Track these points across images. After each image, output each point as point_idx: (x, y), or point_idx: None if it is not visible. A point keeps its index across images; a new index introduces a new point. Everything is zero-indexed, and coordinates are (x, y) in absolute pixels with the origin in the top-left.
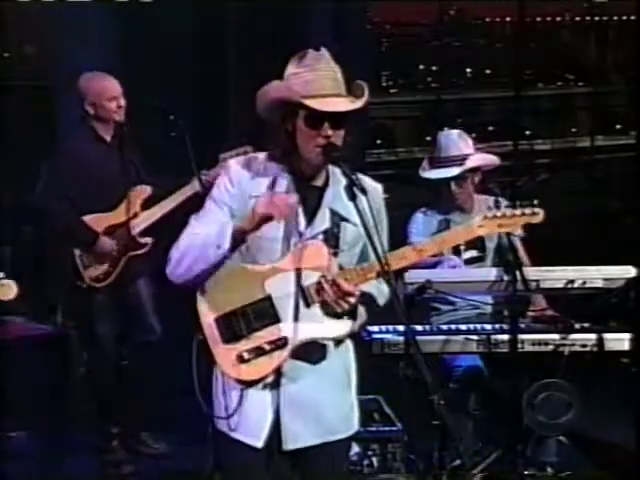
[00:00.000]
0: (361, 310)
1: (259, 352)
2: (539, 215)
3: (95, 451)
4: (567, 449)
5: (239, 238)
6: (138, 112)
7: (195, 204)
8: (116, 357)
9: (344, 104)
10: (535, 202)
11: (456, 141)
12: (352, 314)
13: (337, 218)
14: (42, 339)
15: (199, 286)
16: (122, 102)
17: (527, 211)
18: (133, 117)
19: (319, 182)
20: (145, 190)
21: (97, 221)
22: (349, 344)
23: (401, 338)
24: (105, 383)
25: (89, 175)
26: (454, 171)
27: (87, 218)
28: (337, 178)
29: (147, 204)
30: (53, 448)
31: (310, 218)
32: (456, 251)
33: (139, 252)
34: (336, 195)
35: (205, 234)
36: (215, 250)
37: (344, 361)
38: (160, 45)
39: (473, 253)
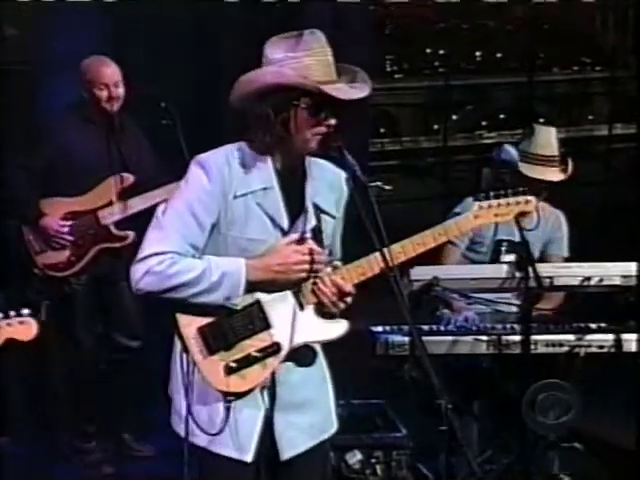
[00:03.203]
0: None
1: (250, 361)
2: (532, 203)
3: (73, 453)
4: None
5: (252, 287)
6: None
7: None
8: (96, 358)
9: (351, 91)
10: (522, 189)
11: (555, 140)
12: (345, 314)
13: (319, 212)
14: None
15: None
16: (116, 92)
17: (520, 199)
18: (131, 106)
19: (298, 174)
20: (126, 179)
21: (57, 205)
22: None
23: (406, 338)
24: (83, 384)
25: (69, 155)
26: (559, 176)
27: (47, 201)
28: (314, 168)
29: (127, 194)
30: (35, 452)
31: (295, 215)
32: (496, 252)
33: (115, 245)
34: (315, 187)
35: (198, 272)
36: (220, 299)
37: (320, 357)
38: (151, 34)
39: (512, 258)
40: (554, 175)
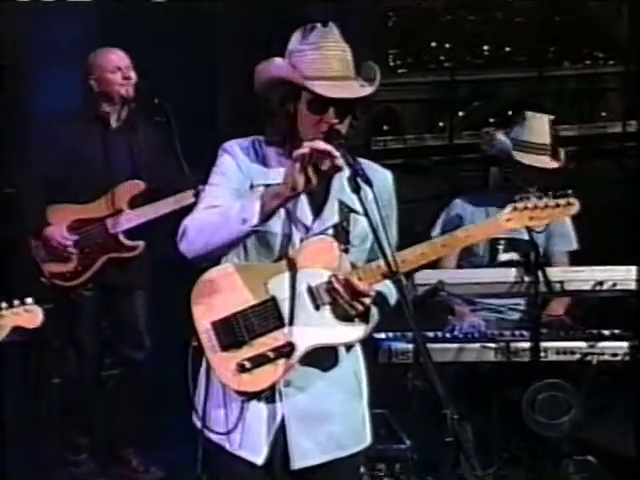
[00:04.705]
0: (373, 311)
1: (262, 360)
2: (575, 206)
3: (62, 464)
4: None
5: (271, 209)
6: None
7: None
8: (96, 366)
9: (353, 89)
10: (569, 192)
11: (547, 128)
12: (365, 316)
13: (346, 210)
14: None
15: (194, 285)
16: (129, 74)
17: (562, 202)
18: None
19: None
20: (137, 185)
21: (64, 212)
22: (358, 349)
23: (410, 346)
24: (79, 392)
25: (77, 158)
26: (552, 164)
27: (54, 208)
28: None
29: (138, 201)
30: (24, 462)
31: (318, 211)
32: (493, 252)
33: (124, 255)
34: (344, 185)
35: (226, 207)
36: (239, 225)
37: (354, 367)
38: (146, 31)
39: (513, 255)
40: (548, 163)
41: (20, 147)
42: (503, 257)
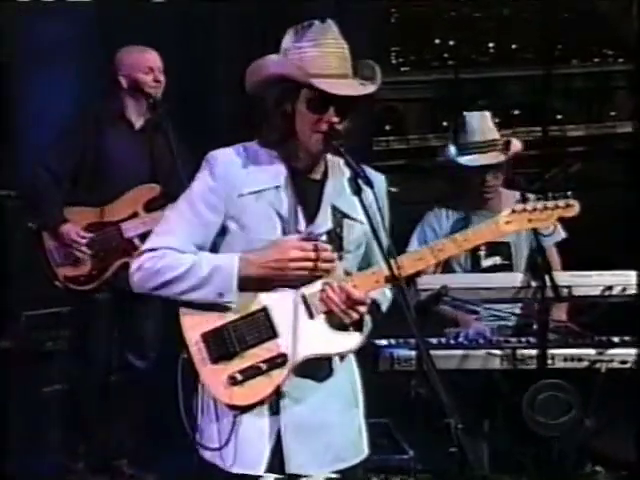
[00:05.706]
0: (367, 319)
1: (255, 372)
2: (574, 208)
3: (58, 470)
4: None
5: (247, 284)
6: None
7: None
8: (102, 375)
9: (355, 87)
10: (569, 193)
11: (490, 124)
12: (359, 325)
13: (340, 215)
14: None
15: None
16: (160, 78)
17: (561, 203)
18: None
19: (318, 174)
20: (153, 189)
21: (79, 215)
22: (352, 357)
23: (413, 352)
24: (81, 399)
25: (98, 159)
26: (499, 157)
27: (69, 210)
28: (337, 169)
29: (154, 205)
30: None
31: (311, 217)
32: (475, 257)
33: None
34: (337, 189)
35: (191, 262)
36: (215, 297)
37: (350, 377)
38: (144, 28)
39: (496, 260)
40: (494, 158)
41: (34, 145)
42: (485, 262)
